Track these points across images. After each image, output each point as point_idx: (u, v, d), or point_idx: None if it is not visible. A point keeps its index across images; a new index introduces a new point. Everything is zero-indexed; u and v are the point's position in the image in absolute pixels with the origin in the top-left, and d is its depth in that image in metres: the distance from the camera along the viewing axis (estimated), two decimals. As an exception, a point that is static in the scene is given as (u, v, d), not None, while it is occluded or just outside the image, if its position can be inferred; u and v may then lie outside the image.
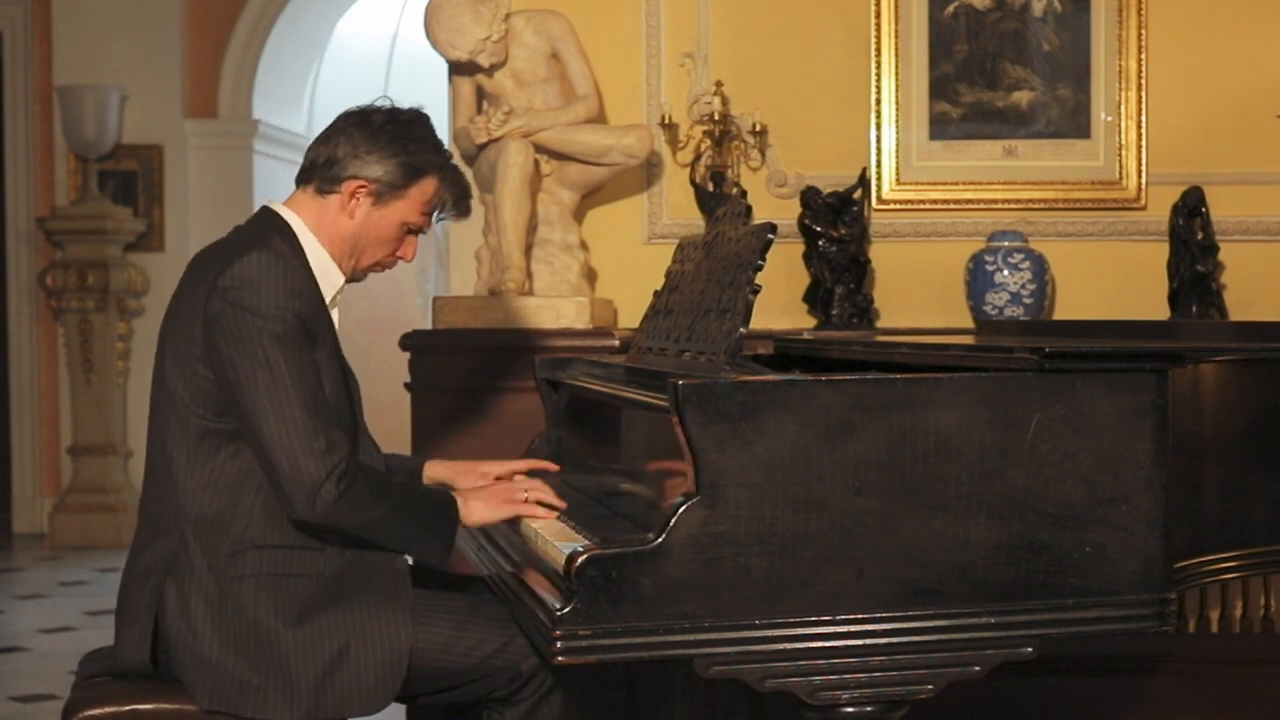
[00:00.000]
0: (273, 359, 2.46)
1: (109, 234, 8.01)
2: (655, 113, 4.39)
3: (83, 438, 8.07)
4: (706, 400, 2.12)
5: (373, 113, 2.69)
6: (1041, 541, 2.20)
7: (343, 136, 2.66)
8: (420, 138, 2.68)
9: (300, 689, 2.47)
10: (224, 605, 2.50)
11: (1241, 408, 2.56)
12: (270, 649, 2.48)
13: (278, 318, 2.48)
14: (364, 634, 2.51)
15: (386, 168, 2.64)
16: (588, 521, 2.64)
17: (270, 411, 2.44)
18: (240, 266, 2.50)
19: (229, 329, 2.47)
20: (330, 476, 2.44)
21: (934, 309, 4.40)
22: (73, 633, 5.75)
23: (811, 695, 2.15)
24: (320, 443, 2.45)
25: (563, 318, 3.96)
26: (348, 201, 2.66)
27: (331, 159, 2.66)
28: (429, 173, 2.68)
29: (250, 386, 2.45)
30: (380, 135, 2.65)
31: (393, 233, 2.70)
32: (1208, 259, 4.25)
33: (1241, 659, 4.06)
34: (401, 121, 2.68)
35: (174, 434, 2.55)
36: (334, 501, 2.44)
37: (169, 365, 2.58)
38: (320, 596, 2.53)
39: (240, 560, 2.51)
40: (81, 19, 8.19)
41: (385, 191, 2.65)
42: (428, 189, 2.68)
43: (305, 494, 2.44)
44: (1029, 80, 4.43)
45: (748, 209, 2.76)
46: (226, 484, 2.53)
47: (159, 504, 2.58)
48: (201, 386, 2.52)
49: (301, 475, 2.43)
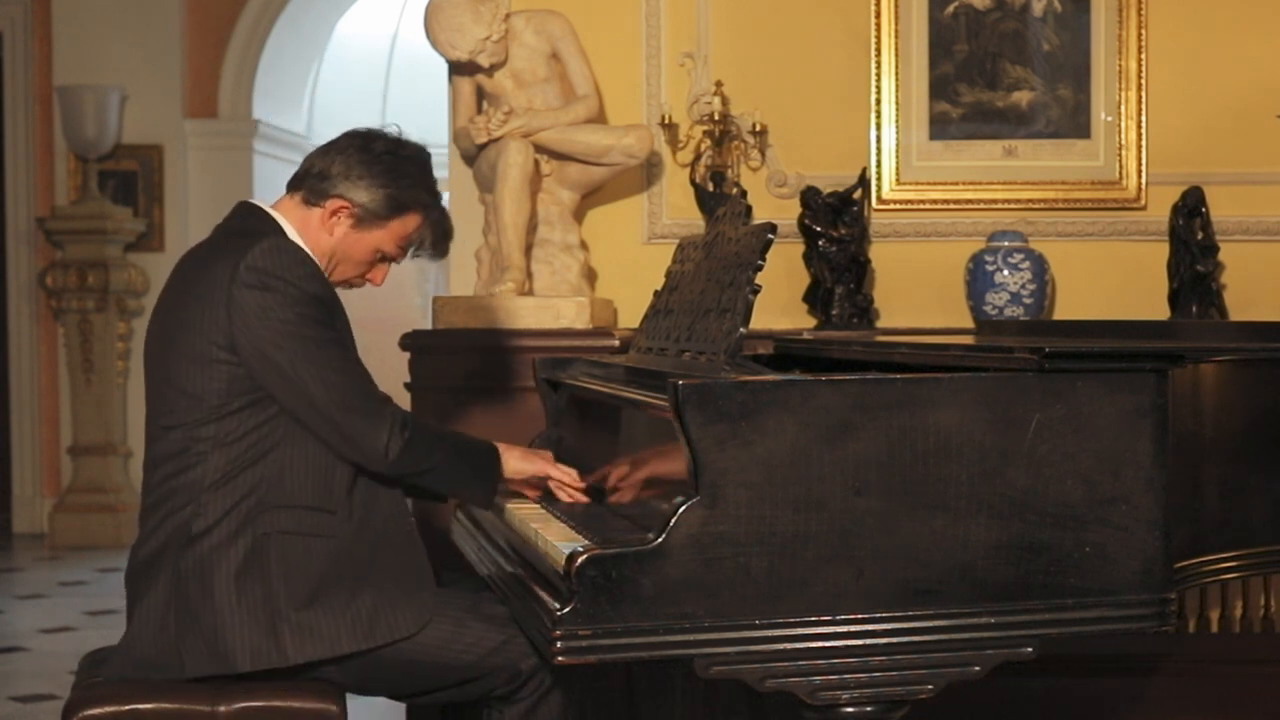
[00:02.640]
0: (310, 333, 2.56)
1: (109, 234, 8.01)
2: (655, 113, 4.39)
3: (83, 438, 8.08)
4: (706, 400, 2.12)
5: (377, 138, 2.74)
6: (1041, 541, 2.20)
7: (341, 155, 2.72)
8: (413, 175, 2.73)
9: (337, 634, 2.56)
10: (249, 568, 2.54)
11: (1241, 408, 2.56)
12: (296, 609, 2.54)
13: (303, 298, 2.57)
14: (382, 588, 2.59)
15: (373, 196, 2.70)
16: (588, 521, 2.64)
17: (320, 380, 2.56)
18: (259, 253, 2.56)
19: (264, 314, 2.54)
20: (394, 428, 2.59)
21: (934, 309, 4.40)
22: (73, 633, 5.75)
23: (811, 695, 2.15)
24: (371, 402, 2.60)
25: (563, 318, 3.96)
26: (329, 218, 2.72)
27: (325, 173, 2.71)
28: (413, 210, 2.73)
29: (298, 366, 2.55)
30: (376, 163, 2.70)
31: (366, 257, 2.77)
32: (1208, 259, 4.25)
33: (1241, 659, 4.06)
34: (401, 155, 2.73)
35: (185, 422, 2.59)
36: (402, 450, 2.59)
37: (173, 363, 2.58)
38: (336, 569, 2.58)
39: (262, 519, 2.57)
40: (81, 19, 8.19)
41: (367, 218, 2.72)
42: (409, 224, 2.74)
43: (375, 448, 2.58)
44: (1029, 80, 4.43)
45: (748, 209, 2.76)
46: (242, 453, 2.58)
47: (168, 483, 2.59)
48: (223, 374, 2.57)
49: (366, 432, 2.57)
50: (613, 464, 2.87)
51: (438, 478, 2.70)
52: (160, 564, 2.58)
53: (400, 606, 2.58)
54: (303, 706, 2.52)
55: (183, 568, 2.55)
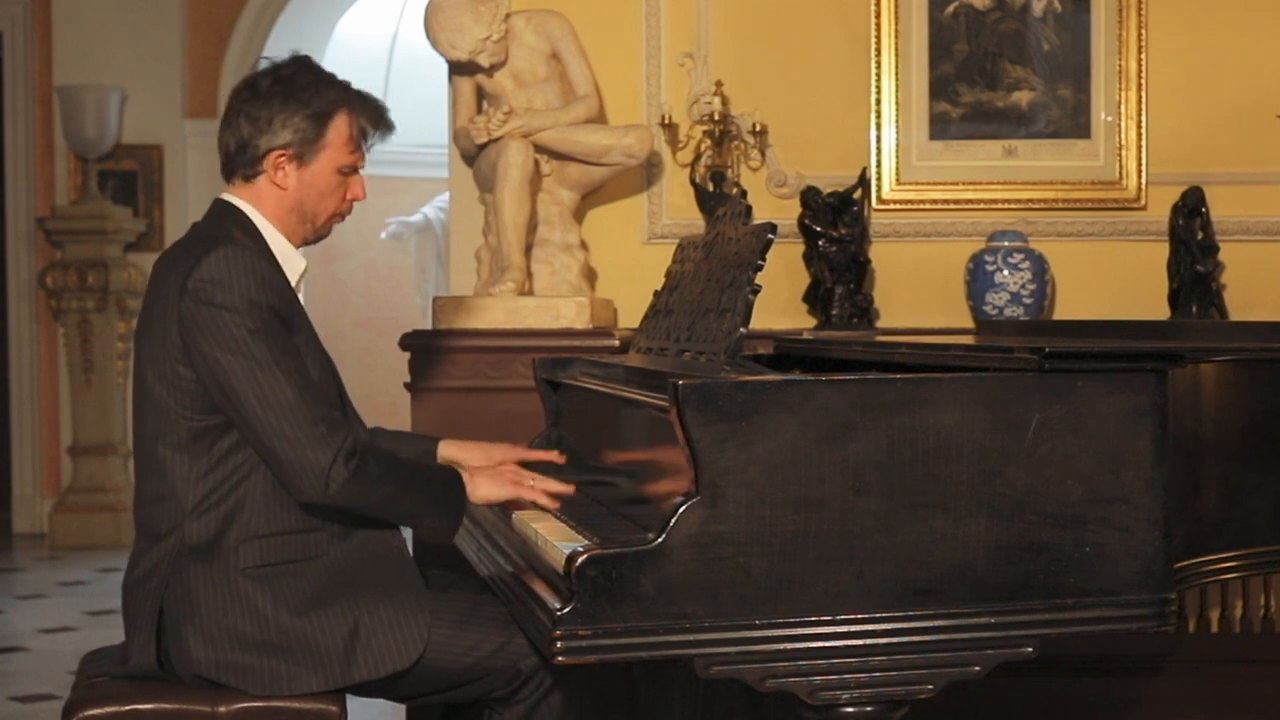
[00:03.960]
0: (256, 351, 2.46)
1: (109, 234, 8.01)
2: (655, 113, 4.39)
3: (83, 438, 8.08)
4: (706, 400, 2.12)
5: (257, 80, 2.65)
6: (1041, 541, 2.20)
7: (240, 116, 2.64)
8: (310, 84, 2.64)
9: (330, 661, 2.50)
10: (232, 602, 2.51)
11: (1241, 408, 2.56)
12: (285, 636, 2.50)
13: (252, 311, 2.48)
14: (375, 612, 2.54)
15: (293, 127, 2.62)
16: (588, 521, 2.64)
17: (264, 404, 2.45)
18: (207, 265, 2.49)
19: (206, 328, 2.47)
20: (338, 458, 2.45)
21: (934, 309, 4.40)
22: (73, 633, 5.75)
23: (811, 695, 2.15)
24: (320, 427, 2.46)
25: (563, 318, 3.95)
26: (275, 174, 2.64)
27: (241, 142, 2.64)
28: (334, 112, 2.65)
29: (239, 382, 2.46)
30: (272, 98, 2.62)
31: (330, 182, 2.67)
32: (1208, 259, 4.25)
33: (1241, 659, 4.06)
34: (286, 77, 2.64)
35: (163, 438, 2.55)
36: (345, 482, 2.46)
37: (148, 371, 2.57)
38: (326, 588, 2.54)
39: (243, 551, 2.52)
40: (81, 19, 8.19)
41: (304, 150, 2.63)
42: (341, 127, 2.65)
43: (316, 478, 2.45)
44: (1029, 80, 4.43)
45: (748, 209, 2.76)
46: (221, 480, 2.54)
47: (154, 507, 2.58)
48: (185, 388, 2.52)
49: (308, 461, 2.44)
50: (612, 464, 2.86)
51: (389, 510, 2.57)
52: (148, 589, 2.56)
53: (393, 633, 2.53)
54: (303, 707, 2.52)
55: (171, 596, 2.54)
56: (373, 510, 2.55)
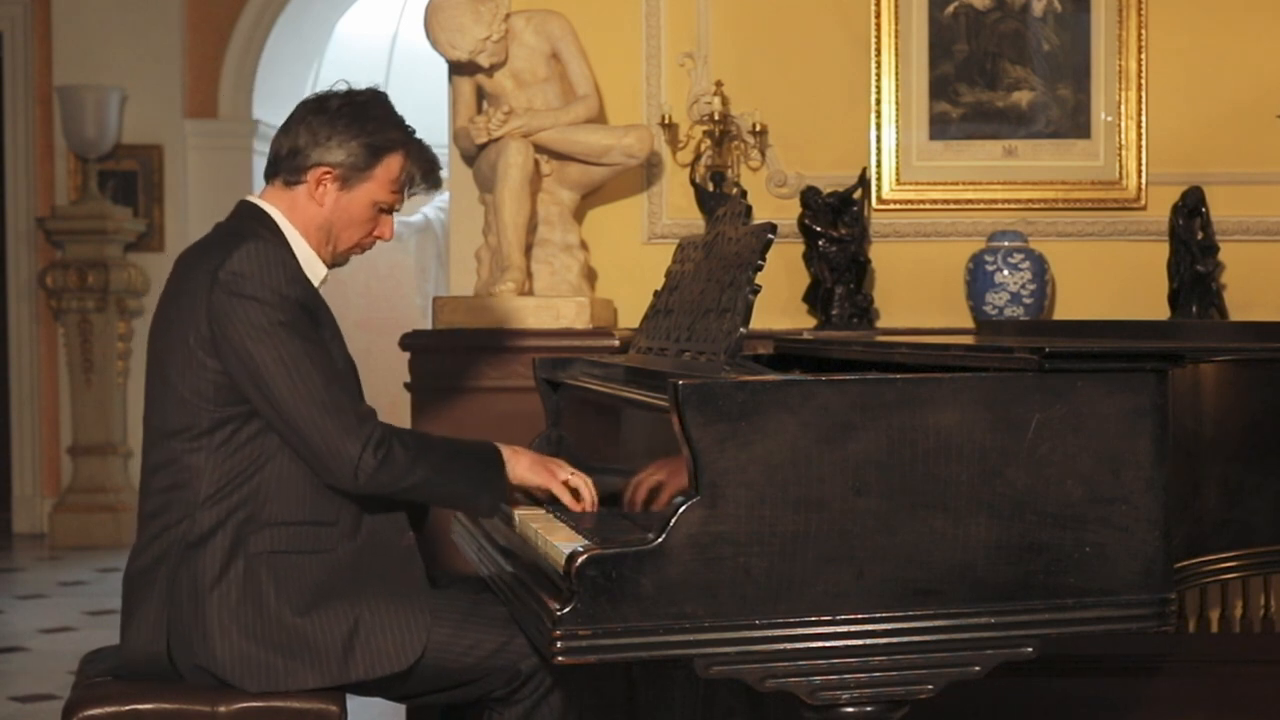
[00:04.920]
0: (287, 343, 2.50)
1: (109, 234, 8.01)
2: (655, 113, 4.39)
3: (83, 438, 8.08)
4: (706, 400, 2.12)
5: (329, 98, 2.69)
6: (1041, 541, 2.20)
7: (302, 125, 2.67)
8: (378, 117, 2.68)
9: (328, 658, 2.51)
10: (237, 590, 2.52)
11: (1241, 408, 2.56)
12: (286, 631, 2.51)
13: (282, 304, 2.52)
14: (376, 612, 2.55)
15: (348, 150, 2.65)
16: (588, 521, 2.64)
17: (295, 394, 2.49)
18: (238, 258, 2.52)
19: (238, 320, 2.50)
20: (367, 446, 2.49)
21: (934, 309, 4.40)
22: (73, 633, 5.75)
23: (811, 695, 2.15)
24: (349, 417, 2.51)
25: (563, 318, 3.96)
26: (315, 189, 2.67)
27: (294, 149, 2.66)
28: (392, 150, 2.68)
29: (271, 373, 2.49)
30: (338, 119, 2.65)
31: (364, 214, 2.70)
32: (1208, 259, 4.25)
33: (1241, 659, 4.06)
34: (358, 103, 2.68)
35: (181, 431, 2.56)
36: (375, 470, 2.50)
37: (169, 363, 2.58)
38: (330, 584, 2.55)
39: (253, 539, 2.54)
40: (81, 19, 8.19)
41: (350, 175, 2.66)
42: (393, 167, 2.69)
43: (346, 467, 2.49)
44: (1029, 80, 4.43)
45: (748, 209, 2.76)
46: (237, 470, 2.55)
47: (164, 496, 2.58)
48: (209, 379, 2.54)
49: (339, 450, 2.49)
50: (612, 464, 2.86)
51: (422, 493, 2.61)
52: (155, 576, 2.57)
53: (392, 635, 2.54)
54: (303, 707, 2.52)
55: (177, 582, 2.54)
56: (407, 495, 2.59)
